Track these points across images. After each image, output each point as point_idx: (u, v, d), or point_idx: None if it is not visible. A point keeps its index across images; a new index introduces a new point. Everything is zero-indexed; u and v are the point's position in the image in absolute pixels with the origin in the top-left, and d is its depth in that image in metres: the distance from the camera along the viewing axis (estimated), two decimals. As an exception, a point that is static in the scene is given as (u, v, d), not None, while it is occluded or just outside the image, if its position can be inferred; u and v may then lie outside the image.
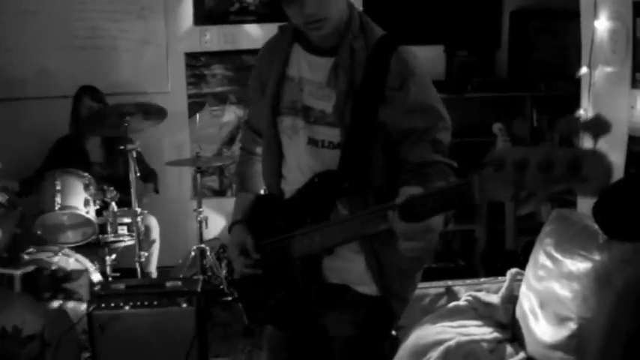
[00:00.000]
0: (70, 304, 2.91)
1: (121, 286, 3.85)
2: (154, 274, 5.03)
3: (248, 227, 2.36)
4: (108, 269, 4.56)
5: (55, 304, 1.93)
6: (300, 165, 2.24)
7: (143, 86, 5.63)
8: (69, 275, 1.93)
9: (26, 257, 4.16)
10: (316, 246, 2.12)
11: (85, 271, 1.98)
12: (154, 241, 5.01)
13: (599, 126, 1.30)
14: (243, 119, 5.70)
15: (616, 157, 3.20)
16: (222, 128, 5.81)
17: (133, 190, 4.35)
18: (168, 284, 3.80)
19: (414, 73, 2.05)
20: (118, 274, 4.60)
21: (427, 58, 5.64)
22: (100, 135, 5.05)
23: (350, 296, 2.21)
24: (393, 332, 2.97)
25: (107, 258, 4.56)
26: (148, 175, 5.23)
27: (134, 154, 4.32)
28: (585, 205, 3.42)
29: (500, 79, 5.85)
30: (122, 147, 4.35)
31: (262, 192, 2.48)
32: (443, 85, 5.62)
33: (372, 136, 2.08)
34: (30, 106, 5.60)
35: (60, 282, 1.95)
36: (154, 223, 5.08)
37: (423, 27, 5.65)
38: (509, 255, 4.50)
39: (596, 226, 2.75)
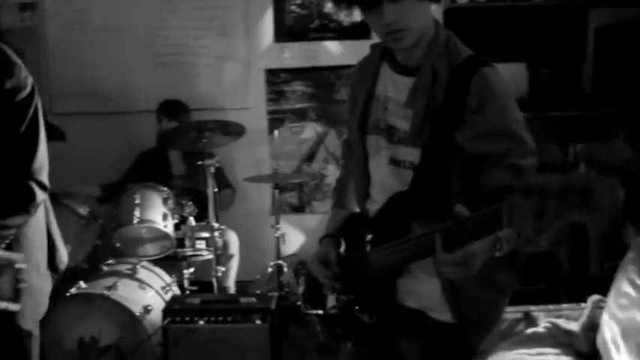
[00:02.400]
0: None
1: (196, 300, 3.88)
2: (232, 288, 5.04)
3: (336, 242, 2.37)
4: (186, 282, 4.59)
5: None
6: (383, 185, 2.22)
7: (223, 102, 5.68)
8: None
9: (105, 269, 4.24)
10: (380, 266, 2.12)
11: (9, 265, 1.96)
12: (232, 256, 5.03)
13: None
14: (323, 137, 5.71)
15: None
16: (301, 145, 5.81)
17: (210, 205, 4.38)
18: (243, 300, 3.82)
19: (494, 95, 1.98)
20: (195, 288, 4.62)
21: (509, 75, 5.52)
22: (179, 149, 5.10)
23: (424, 322, 2.15)
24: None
25: (185, 271, 4.59)
26: (226, 189, 5.26)
27: (212, 170, 4.35)
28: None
29: (585, 96, 5.67)
30: (200, 162, 4.39)
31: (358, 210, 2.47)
32: (525, 103, 5.51)
33: (448, 158, 2.01)
34: (113, 120, 5.71)
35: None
36: (233, 238, 5.09)
37: (505, 44, 5.54)
38: (592, 280, 4.35)
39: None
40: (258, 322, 3.70)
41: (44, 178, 2.45)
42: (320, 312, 4.39)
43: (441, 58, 2.06)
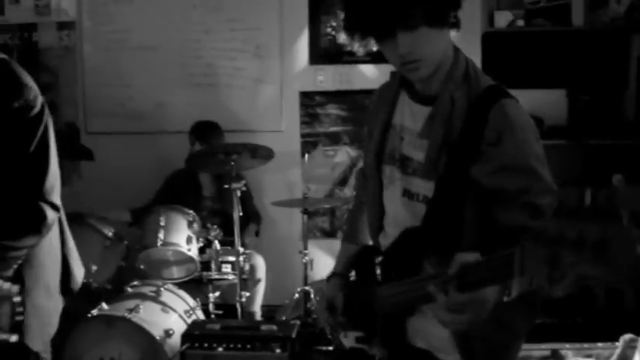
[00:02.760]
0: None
1: (216, 326, 3.83)
2: (258, 313, 4.98)
3: (344, 282, 2.30)
4: (211, 306, 4.54)
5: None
6: (395, 218, 2.13)
7: (257, 124, 5.66)
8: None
9: (130, 290, 4.21)
10: (388, 304, 2.03)
11: (7, 298, 1.92)
12: (259, 281, 4.96)
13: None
14: (356, 161, 5.64)
15: None
16: (334, 169, 5.74)
17: (236, 229, 4.33)
18: (264, 328, 3.76)
19: (514, 128, 1.87)
20: (220, 312, 4.56)
21: (548, 102, 5.43)
22: (207, 172, 5.08)
23: None
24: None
25: (210, 295, 4.53)
26: (252, 216, 5.22)
27: (238, 193, 4.31)
28: None
29: (627, 124, 5.52)
30: (227, 185, 4.35)
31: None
32: (564, 130, 5.38)
33: (463, 192, 1.91)
34: (146, 140, 5.75)
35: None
36: (260, 262, 5.03)
37: (544, 70, 5.42)
38: (629, 317, 4.19)
39: None
40: (278, 350, 3.63)
41: (55, 198, 2.43)
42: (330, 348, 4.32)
43: (460, 88, 1.96)
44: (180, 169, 5.21)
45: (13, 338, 1.98)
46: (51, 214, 2.41)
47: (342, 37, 5.46)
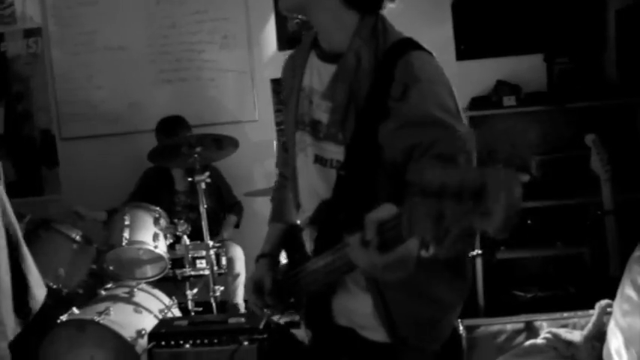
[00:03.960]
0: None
1: (184, 323, 3.76)
2: (242, 305, 4.90)
3: (272, 262, 2.17)
4: (190, 304, 4.46)
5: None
6: (310, 189, 1.98)
7: (231, 115, 5.59)
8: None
9: (103, 293, 4.16)
10: (312, 282, 1.89)
11: None
12: (238, 274, 4.87)
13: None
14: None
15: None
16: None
17: (203, 223, 4.24)
18: (232, 321, 3.68)
19: (419, 79, 1.71)
20: (200, 309, 4.50)
21: (525, 68, 5.30)
22: (173, 166, 5.00)
23: (357, 342, 1.93)
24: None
25: (188, 292, 4.46)
26: (232, 207, 5.15)
27: (203, 186, 4.22)
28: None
29: (607, 86, 5.35)
30: (190, 179, 4.27)
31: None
32: (545, 96, 5.24)
33: (374, 157, 1.76)
34: (121, 142, 5.71)
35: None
36: (239, 254, 4.94)
37: (519, 35, 5.29)
38: (612, 283, 4.04)
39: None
40: (246, 343, 3.55)
41: None
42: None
43: (367, 44, 1.82)
44: (153, 166, 5.15)
45: None
46: None
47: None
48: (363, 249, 1.43)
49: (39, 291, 2.66)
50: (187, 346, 3.60)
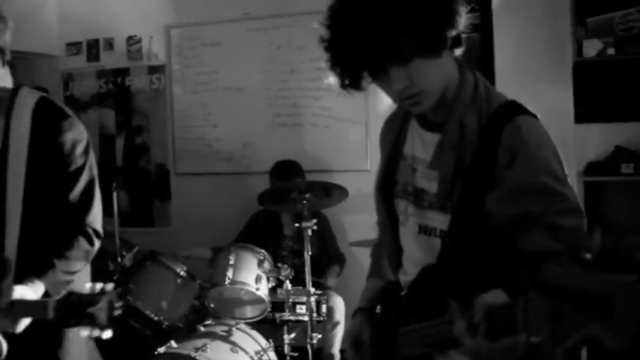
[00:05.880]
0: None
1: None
2: (337, 356, 4.84)
3: (370, 317, 2.14)
4: (286, 348, 4.44)
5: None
6: (413, 256, 1.96)
7: (343, 164, 5.57)
8: (90, 299, 1.84)
9: (202, 329, 4.17)
10: (409, 348, 1.85)
11: (106, 294, 1.89)
12: (337, 323, 4.83)
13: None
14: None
15: None
16: (422, 208, 5.57)
17: (307, 269, 4.22)
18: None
19: (528, 146, 1.67)
20: (295, 354, 4.47)
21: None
22: (282, 211, 5.02)
23: None
24: None
25: (285, 336, 4.44)
26: (335, 257, 5.11)
27: (309, 232, 4.20)
28: None
29: None
30: (297, 224, 4.26)
31: None
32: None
33: (480, 225, 1.72)
34: (233, 181, 5.79)
35: (83, 307, 1.86)
36: (339, 303, 4.90)
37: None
38: None
39: None
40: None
41: (99, 226, 2.48)
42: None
43: (469, 110, 1.78)
44: (263, 209, 5.19)
45: (107, 334, 1.95)
46: (96, 242, 2.46)
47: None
48: (469, 332, 1.40)
49: None
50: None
